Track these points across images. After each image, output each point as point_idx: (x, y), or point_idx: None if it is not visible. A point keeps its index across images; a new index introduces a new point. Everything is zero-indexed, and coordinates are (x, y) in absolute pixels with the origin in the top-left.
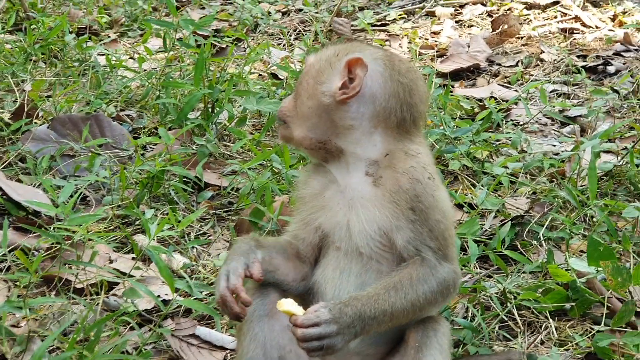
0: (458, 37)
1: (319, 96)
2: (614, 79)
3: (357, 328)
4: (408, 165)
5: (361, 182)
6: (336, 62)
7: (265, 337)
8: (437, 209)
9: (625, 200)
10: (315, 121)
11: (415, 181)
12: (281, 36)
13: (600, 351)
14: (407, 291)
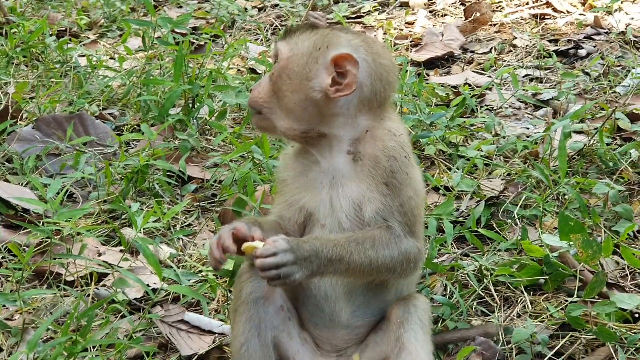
0: (432, 26)
1: (307, 91)
2: (585, 62)
3: (314, 265)
4: (387, 143)
5: (343, 161)
6: (320, 56)
7: (260, 318)
8: (410, 186)
9: (597, 178)
10: (301, 113)
11: (393, 158)
12: (258, 32)
13: (573, 321)
14: (367, 248)
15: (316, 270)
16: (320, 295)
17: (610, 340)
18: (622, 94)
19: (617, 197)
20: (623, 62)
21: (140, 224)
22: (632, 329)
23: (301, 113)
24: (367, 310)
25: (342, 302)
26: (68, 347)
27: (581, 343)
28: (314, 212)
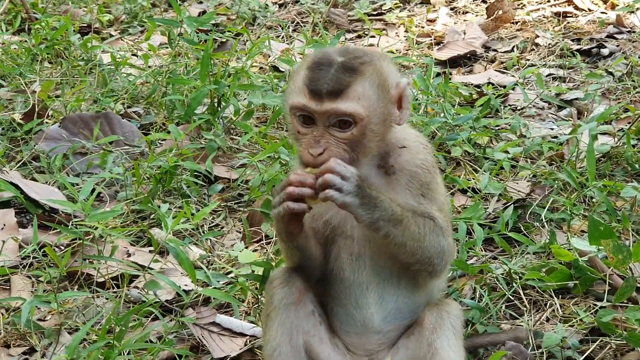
0: (453, 24)
1: (387, 130)
2: (608, 62)
3: (375, 212)
4: (421, 156)
5: (374, 173)
6: (389, 96)
7: (291, 323)
8: (441, 193)
9: (623, 181)
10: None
11: (427, 171)
12: (280, 29)
13: (603, 326)
14: (421, 225)
15: (376, 218)
16: (351, 303)
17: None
18: None
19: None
20: None
21: (171, 226)
22: None
23: (376, 149)
24: (399, 315)
25: (374, 309)
26: (105, 352)
27: (611, 348)
28: (340, 225)
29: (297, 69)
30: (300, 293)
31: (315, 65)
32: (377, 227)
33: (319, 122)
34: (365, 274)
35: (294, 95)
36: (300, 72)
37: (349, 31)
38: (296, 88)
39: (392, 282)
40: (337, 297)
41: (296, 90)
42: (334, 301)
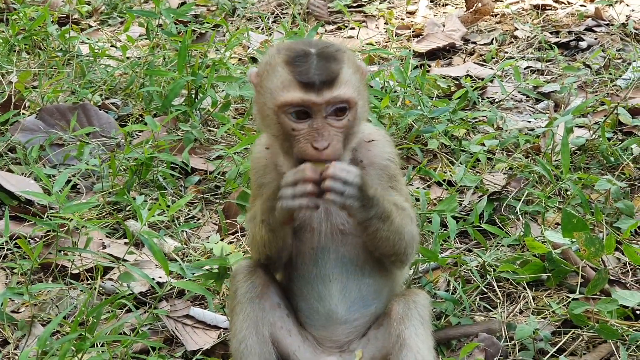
0: (433, 16)
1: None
2: (586, 54)
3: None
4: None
5: None
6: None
7: (256, 316)
8: (403, 183)
9: (598, 173)
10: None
11: (394, 163)
12: (259, 20)
13: (575, 318)
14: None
15: (370, 217)
16: (313, 297)
17: (612, 337)
18: (623, 87)
19: (618, 193)
20: (624, 55)
21: (145, 218)
22: (633, 326)
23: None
24: (363, 303)
25: (337, 299)
26: (77, 344)
27: (583, 340)
28: (307, 218)
29: (269, 66)
30: (264, 286)
31: (296, 59)
32: (369, 224)
33: (317, 114)
34: (328, 266)
35: (282, 92)
36: (277, 68)
37: (328, 23)
38: (281, 84)
39: (356, 271)
40: (299, 292)
41: (282, 86)
42: (296, 297)
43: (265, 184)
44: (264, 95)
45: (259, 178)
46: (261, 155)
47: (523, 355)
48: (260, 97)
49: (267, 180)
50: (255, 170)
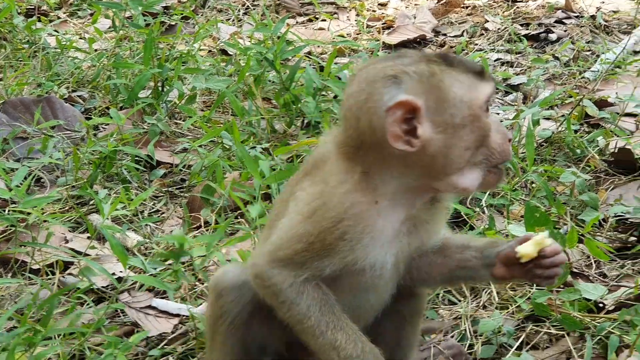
0: (404, 8)
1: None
2: (555, 46)
3: None
4: None
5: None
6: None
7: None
8: None
9: (565, 166)
10: None
11: None
12: (230, 12)
13: (538, 308)
14: None
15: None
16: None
17: (574, 328)
18: (592, 79)
19: (583, 186)
20: (593, 47)
21: (107, 212)
22: (595, 319)
23: None
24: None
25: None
26: (28, 337)
27: (546, 333)
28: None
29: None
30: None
31: (449, 59)
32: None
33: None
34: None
35: (473, 90)
36: (445, 76)
37: (300, 14)
38: (466, 85)
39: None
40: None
41: (468, 86)
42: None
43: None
44: (450, 108)
45: (351, 231)
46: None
47: (486, 350)
48: (442, 114)
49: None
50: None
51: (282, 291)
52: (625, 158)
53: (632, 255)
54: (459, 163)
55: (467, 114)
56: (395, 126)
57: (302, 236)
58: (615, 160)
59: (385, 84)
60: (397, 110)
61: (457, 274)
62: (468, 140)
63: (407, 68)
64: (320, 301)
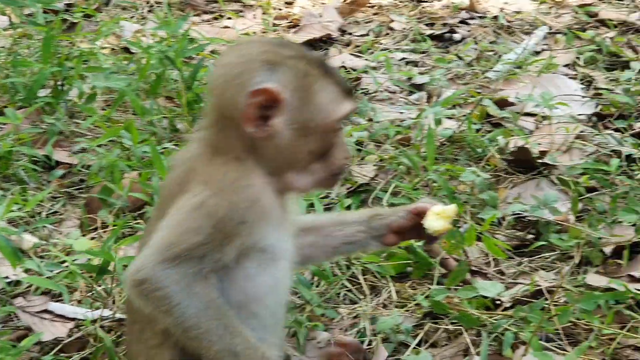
0: (311, 7)
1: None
2: (459, 46)
3: None
4: None
5: None
6: None
7: None
8: None
9: (466, 164)
10: None
11: None
12: (134, 10)
13: (436, 306)
14: None
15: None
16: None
17: (471, 325)
18: (494, 79)
19: (483, 185)
20: (495, 48)
21: (1, 213)
22: (492, 316)
23: None
24: None
25: None
26: None
27: (444, 331)
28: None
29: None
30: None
31: (329, 68)
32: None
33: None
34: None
35: (336, 105)
36: (318, 80)
37: (205, 12)
38: (333, 97)
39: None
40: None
41: (335, 99)
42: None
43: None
44: (309, 112)
45: (249, 214)
46: (257, 183)
47: (385, 348)
48: (300, 114)
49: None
50: (249, 203)
51: (176, 294)
52: (524, 157)
53: (529, 253)
54: (300, 163)
55: (322, 122)
56: (252, 108)
57: (199, 229)
58: (515, 159)
59: (262, 66)
60: (261, 95)
61: (342, 250)
62: (315, 146)
63: (287, 60)
64: (215, 303)
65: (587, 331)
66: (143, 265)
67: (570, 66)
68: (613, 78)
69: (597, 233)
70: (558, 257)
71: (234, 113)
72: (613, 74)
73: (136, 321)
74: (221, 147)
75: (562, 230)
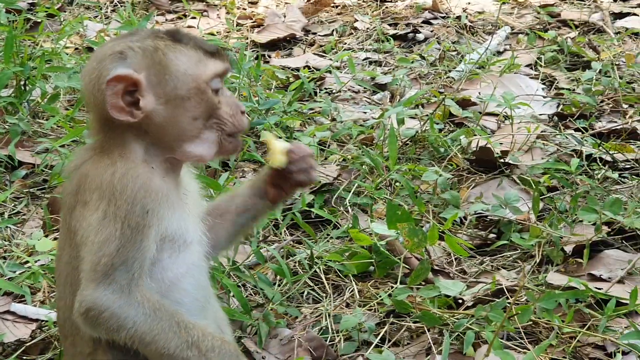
0: (275, 7)
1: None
2: (422, 46)
3: None
4: None
5: None
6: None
7: None
8: None
9: (429, 164)
10: None
11: None
12: (97, 9)
13: (398, 305)
14: None
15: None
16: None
17: (433, 324)
18: (457, 79)
19: (445, 184)
20: (458, 47)
21: None
22: (454, 315)
23: None
24: None
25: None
26: None
27: (406, 329)
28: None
29: (156, 55)
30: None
31: (180, 36)
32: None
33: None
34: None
35: (201, 66)
36: (172, 50)
37: (169, 12)
38: (194, 61)
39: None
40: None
41: (196, 62)
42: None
43: (154, 207)
44: (172, 82)
45: (149, 202)
46: (144, 172)
47: (348, 347)
48: (164, 87)
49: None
50: (144, 192)
51: (120, 309)
52: (486, 157)
53: (491, 252)
54: (190, 132)
55: (191, 86)
56: (115, 98)
57: (110, 236)
58: (477, 158)
59: (112, 60)
60: (117, 83)
61: (240, 222)
62: (195, 111)
63: (133, 44)
64: (159, 303)
65: (547, 330)
66: (82, 297)
67: (532, 66)
68: (574, 78)
69: (557, 232)
70: (519, 256)
71: (103, 110)
72: (574, 74)
73: (67, 336)
74: (106, 147)
75: (523, 230)
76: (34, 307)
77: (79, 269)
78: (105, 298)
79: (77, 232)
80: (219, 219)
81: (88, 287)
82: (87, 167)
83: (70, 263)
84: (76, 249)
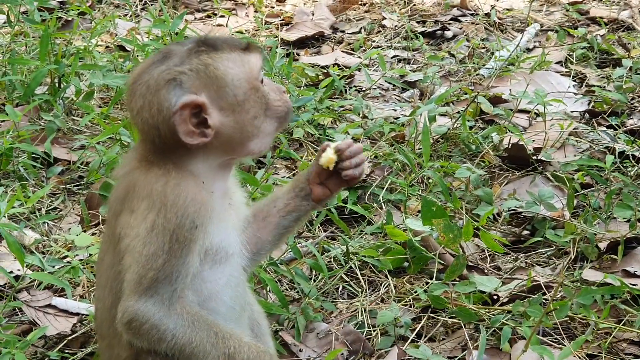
0: (303, 5)
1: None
2: (451, 44)
3: None
4: None
5: None
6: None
7: None
8: None
9: (460, 161)
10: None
11: None
12: (127, 7)
13: (434, 300)
14: None
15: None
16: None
17: (469, 320)
18: (486, 76)
19: (478, 181)
20: (487, 45)
21: (3, 210)
22: (490, 311)
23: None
24: None
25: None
26: None
27: (442, 325)
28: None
29: (209, 70)
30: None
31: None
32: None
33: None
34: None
35: (246, 66)
36: (220, 62)
37: (198, 10)
38: (239, 63)
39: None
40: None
41: (240, 63)
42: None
43: (204, 223)
44: (232, 90)
45: (198, 216)
46: (196, 185)
47: (384, 341)
48: (226, 99)
49: (210, 216)
50: (195, 205)
51: (160, 320)
52: (519, 154)
53: (525, 249)
54: (252, 131)
55: (247, 88)
56: (185, 126)
57: (157, 250)
58: (509, 155)
59: (169, 89)
60: (183, 111)
61: (283, 224)
62: (255, 110)
63: (182, 68)
64: (198, 315)
65: (583, 325)
66: (125, 307)
67: (562, 63)
68: (605, 75)
69: (592, 229)
70: (554, 252)
71: (176, 139)
72: (605, 71)
73: (104, 337)
74: (157, 157)
75: (557, 226)
76: (75, 301)
77: (121, 275)
78: (147, 310)
79: (122, 239)
80: (262, 223)
81: (131, 298)
82: (135, 175)
83: (112, 267)
84: (119, 254)
